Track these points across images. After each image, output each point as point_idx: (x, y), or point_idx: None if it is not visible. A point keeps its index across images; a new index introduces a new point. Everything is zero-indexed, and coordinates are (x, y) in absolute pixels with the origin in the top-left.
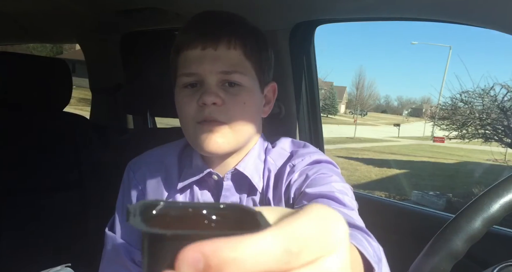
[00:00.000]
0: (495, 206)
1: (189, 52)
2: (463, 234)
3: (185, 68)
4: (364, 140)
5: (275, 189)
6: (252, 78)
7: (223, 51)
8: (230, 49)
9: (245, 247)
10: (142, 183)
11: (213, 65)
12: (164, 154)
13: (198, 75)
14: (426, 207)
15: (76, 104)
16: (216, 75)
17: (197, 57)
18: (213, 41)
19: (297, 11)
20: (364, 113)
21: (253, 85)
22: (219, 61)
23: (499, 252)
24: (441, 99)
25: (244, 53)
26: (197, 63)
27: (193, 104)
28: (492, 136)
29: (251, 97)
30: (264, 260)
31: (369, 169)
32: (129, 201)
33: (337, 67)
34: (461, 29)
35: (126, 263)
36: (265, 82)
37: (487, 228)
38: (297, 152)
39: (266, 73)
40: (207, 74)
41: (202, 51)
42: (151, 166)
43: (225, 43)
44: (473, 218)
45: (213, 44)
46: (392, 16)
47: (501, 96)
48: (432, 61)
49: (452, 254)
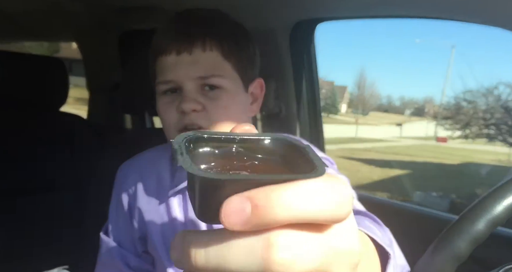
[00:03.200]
0: (499, 207)
1: (164, 58)
2: (467, 235)
3: (162, 75)
4: (366, 140)
5: None
6: (233, 79)
7: (198, 54)
8: (205, 52)
9: (296, 190)
10: (134, 187)
11: (189, 71)
12: (155, 157)
13: (175, 82)
14: (429, 208)
15: (73, 103)
16: (194, 80)
17: (173, 63)
18: (187, 45)
19: (298, 9)
20: (366, 112)
21: (235, 86)
22: (195, 66)
23: (503, 254)
24: (444, 99)
25: (221, 54)
26: (173, 70)
27: (173, 112)
28: (496, 136)
29: (233, 99)
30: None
31: (371, 170)
32: (120, 205)
33: (338, 66)
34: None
35: (120, 267)
36: (249, 80)
37: (491, 230)
38: None
39: (250, 71)
40: (184, 81)
41: (177, 56)
42: (143, 169)
43: (199, 46)
44: (476, 220)
45: (187, 48)
46: (394, 14)
47: (505, 95)
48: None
49: (455, 256)
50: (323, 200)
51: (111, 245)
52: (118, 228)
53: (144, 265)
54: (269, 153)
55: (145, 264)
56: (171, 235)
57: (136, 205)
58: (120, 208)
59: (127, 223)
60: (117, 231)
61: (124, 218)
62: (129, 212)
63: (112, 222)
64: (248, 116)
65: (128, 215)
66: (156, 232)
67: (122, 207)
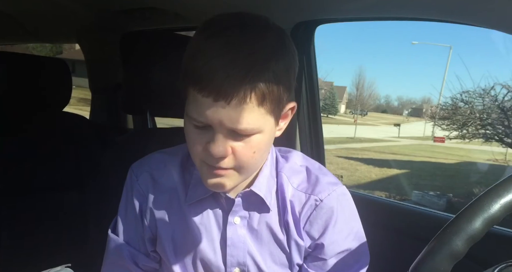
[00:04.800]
0: (495, 206)
1: (200, 96)
2: (464, 234)
3: (194, 112)
4: (364, 140)
5: (294, 214)
6: (265, 120)
7: (236, 105)
8: (242, 104)
9: None
10: (145, 188)
11: (223, 120)
12: (166, 160)
13: (208, 122)
14: (426, 207)
15: (76, 104)
16: (226, 127)
17: (208, 105)
18: (226, 97)
19: (297, 11)
20: (364, 113)
21: (266, 125)
22: (230, 117)
23: (499, 252)
24: (442, 99)
25: (259, 103)
26: (207, 113)
27: (201, 144)
28: (493, 136)
29: (263, 140)
30: None
31: (369, 169)
32: (132, 205)
33: (337, 67)
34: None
35: (129, 266)
36: (282, 111)
37: (487, 228)
38: (318, 180)
39: (285, 102)
40: (217, 126)
41: (213, 102)
42: (154, 171)
43: (239, 99)
44: (473, 218)
45: (226, 98)
46: (393, 16)
47: (501, 96)
48: (433, 61)
49: (452, 254)
50: None
51: (119, 243)
52: (128, 227)
53: (152, 264)
54: None
55: (153, 263)
56: (181, 239)
57: (148, 205)
58: (131, 208)
59: (137, 222)
60: (126, 230)
61: (135, 217)
62: (140, 212)
63: (121, 220)
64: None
65: (139, 215)
66: (167, 234)
67: (133, 207)
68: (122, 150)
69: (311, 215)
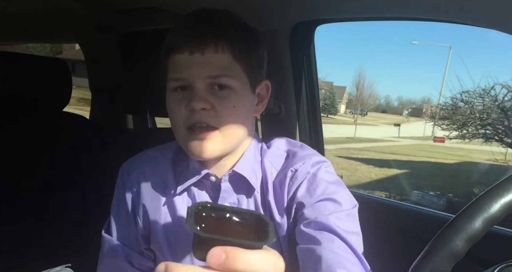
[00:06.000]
0: (495, 206)
1: (177, 57)
2: (464, 234)
3: (174, 73)
4: (364, 140)
5: (276, 193)
6: (242, 80)
7: (210, 55)
8: (217, 53)
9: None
10: (137, 185)
11: (200, 70)
12: (157, 156)
13: (187, 80)
14: (426, 207)
15: (76, 104)
16: (204, 79)
17: (185, 62)
18: (199, 46)
19: (297, 11)
20: (364, 113)
21: (243, 86)
22: (206, 66)
23: (499, 252)
24: (442, 99)
25: (232, 55)
26: (185, 68)
27: (182, 109)
28: (493, 136)
29: (241, 99)
30: (260, 265)
31: (369, 169)
32: (124, 204)
33: (337, 67)
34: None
35: (123, 265)
36: (256, 82)
37: (487, 228)
38: (295, 154)
39: (258, 73)
40: (196, 79)
41: (189, 56)
42: (145, 168)
43: (212, 47)
44: (473, 218)
45: (200, 48)
46: (392, 16)
47: (501, 96)
48: (433, 61)
49: (452, 254)
50: (265, 265)
51: (113, 243)
52: (120, 226)
53: (146, 262)
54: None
55: (147, 261)
56: (174, 234)
57: (141, 202)
58: (123, 206)
59: (130, 220)
60: (119, 229)
61: (127, 216)
62: (132, 209)
63: (114, 220)
64: (254, 116)
65: (132, 213)
66: (160, 230)
67: (125, 205)
68: (122, 150)
69: (289, 186)
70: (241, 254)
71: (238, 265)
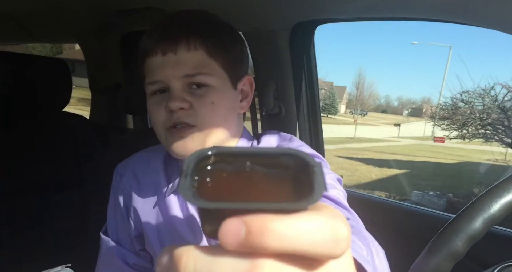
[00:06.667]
0: (495, 206)
1: (151, 59)
2: (464, 234)
3: (150, 76)
4: (364, 140)
5: None
6: (220, 76)
7: (183, 54)
8: (190, 51)
9: (289, 226)
10: (129, 187)
11: (174, 70)
12: (149, 157)
13: (163, 82)
14: (426, 207)
15: (76, 104)
16: (180, 79)
17: (159, 63)
18: (171, 45)
19: (297, 11)
20: (364, 113)
21: (222, 83)
22: (180, 65)
23: (499, 252)
24: (442, 99)
25: (207, 52)
26: (160, 70)
27: (161, 111)
28: (493, 136)
29: (221, 96)
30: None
31: (370, 169)
32: (118, 205)
33: (337, 67)
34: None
35: (120, 266)
36: (237, 78)
37: (487, 228)
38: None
39: (238, 69)
40: (171, 79)
41: (163, 56)
42: (137, 170)
43: (184, 45)
44: (473, 218)
45: (172, 48)
46: (392, 16)
47: (501, 96)
48: (433, 61)
49: (452, 254)
50: (317, 236)
51: (110, 244)
52: (116, 227)
53: (143, 263)
54: (281, 167)
55: (144, 262)
56: (167, 234)
57: (132, 204)
58: (118, 208)
59: (124, 222)
60: (115, 230)
61: (122, 217)
62: (126, 211)
63: (110, 221)
64: (238, 113)
65: (125, 214)
66: (152, 231)
67: (119, 207)
68: (122, 150)
69: None
70: (272, 225)
71: (270, 243)
